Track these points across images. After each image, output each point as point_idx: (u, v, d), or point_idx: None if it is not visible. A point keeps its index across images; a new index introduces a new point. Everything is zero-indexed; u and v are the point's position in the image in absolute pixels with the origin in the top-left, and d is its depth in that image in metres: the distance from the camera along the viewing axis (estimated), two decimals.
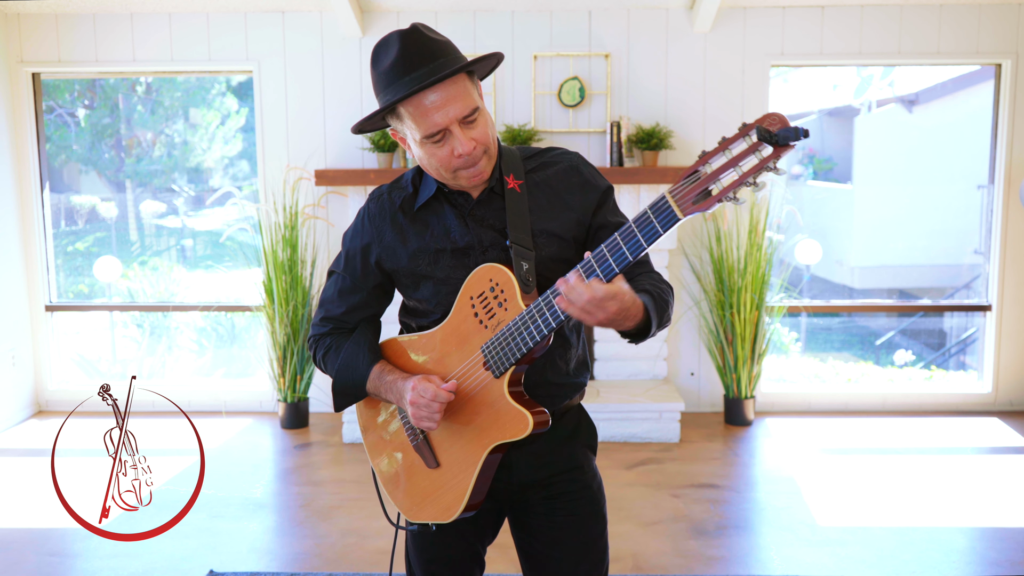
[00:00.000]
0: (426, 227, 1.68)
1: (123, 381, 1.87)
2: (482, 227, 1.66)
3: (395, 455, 1.80)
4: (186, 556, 3.31)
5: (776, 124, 1.28)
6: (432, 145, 1.56)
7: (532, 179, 1.68)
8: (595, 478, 1.82)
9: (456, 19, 4.89)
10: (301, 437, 4.76)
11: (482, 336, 1.62)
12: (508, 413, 1.60)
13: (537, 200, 1.67)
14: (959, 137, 7.65)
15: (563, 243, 1.66)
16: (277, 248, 4.76)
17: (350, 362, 1.75)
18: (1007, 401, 5.13)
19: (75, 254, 6.24)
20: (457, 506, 1.69)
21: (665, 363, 4.99)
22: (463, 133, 1.55)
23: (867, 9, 4.87)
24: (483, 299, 1.61)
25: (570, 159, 1.71)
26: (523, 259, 1.60)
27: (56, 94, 6.06)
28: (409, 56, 1.52)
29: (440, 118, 1.53)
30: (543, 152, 1.73)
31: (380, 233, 1.71)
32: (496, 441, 1.63)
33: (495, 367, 1.60)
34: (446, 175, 1.60)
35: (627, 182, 4.65)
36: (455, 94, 1.53)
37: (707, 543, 3.40)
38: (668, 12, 4.88)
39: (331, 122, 4.99)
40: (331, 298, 1.80)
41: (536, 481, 1.76)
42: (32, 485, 4.09)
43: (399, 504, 1.80)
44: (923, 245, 7.85)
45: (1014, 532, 3.48)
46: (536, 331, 1.53)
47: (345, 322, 1.80)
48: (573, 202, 1.67)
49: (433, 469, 1.73)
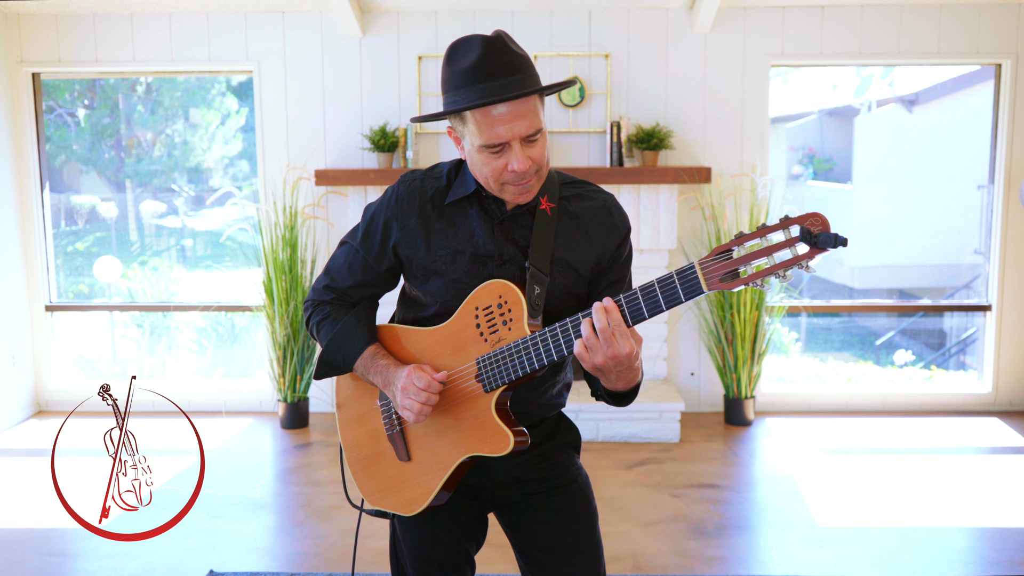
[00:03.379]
0: (452, 224, 1.68)
1: (123, 381, 1.87)
2: (507, 240, 1.67)
3: (367, 439, 1.81)
4: (186, 556, 3.31)
5: (818, 226, 1.31)
6: (489, 154, 1.56)
7: (564, 206, 1.69)
8: (580, 472, 1.83)
9: (456, 19, 4.89)
10: (301, 437, 4.76)
11: (480, 348, 1.63)
12: (491, 429, 1.62)
13: (564, 228, 1.67)
14: (959, 137, 7.66)
15: (578, 277, 1.68)
16: (277, 248, 4.76)
17: (347, 335, 1.74)
18: (1007, 401, 5.13)
19: (75, 254, 6.24)
20: (421, 502, 1.72)
21: (665, 363, 4.99)
22: (522, 151, 1.56)
23: (867, 9, 4.87)
24: (488, 312, 1.62)
25: (605, 199, 1.72)
26: (537, 283, 1.61)
27: (56, 94, 6.07)
28: (490, 64, 1.52)
29: (505, 132, 1.53)
30: (581, 183, 1.74)
31: (405, 218, 1.69)
32: (474, 452, 1.65)
33: (487, 382, 1.62)
34: (494, 185, 1.61)
35: (627, 182, 4.65)
36: (524, 112, 1.54)
37: (707, 543, 3.40)
38: (668, 12, 4.89)
39: (331, 122, 4.99)
40: (338, 269, 1.78)
41: (514, 479, 1.77)
42: (32, 485, 4.09)
43: (361, 486, 1.82)
44: (923, 245, 7.85)
45: (1014, 532, 3.48)
46: (536, 359, 1.56)
47: (348, 296, 1.79)
48: (597, 240, 1.68)
49: (403, 462, 1.75)
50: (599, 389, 1.69)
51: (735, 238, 1.37)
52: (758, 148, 4.93)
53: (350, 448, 1.84)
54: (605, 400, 1.69)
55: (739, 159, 4.94)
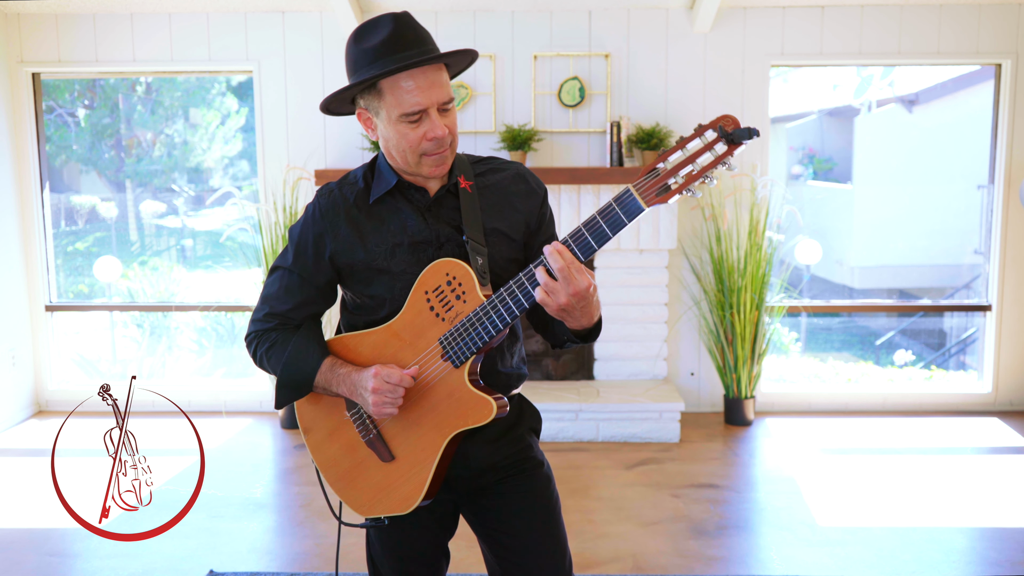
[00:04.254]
0: (382, 222, 1.72)
1: (123, 381, 1.87)
2: (439, 222, 1.72)
3: (344, 452, 1.80)
4: (186, 556, 3.31)
5: (730, 125, 1.43)
6: (407, 124, 1.62)
7: (481, 182, 1.76)
8: (543, 458, 1.88)
9: (456, 19, 4.89)
10: (301, 437, 4.76)
11: (439, 329, 1.66)
12: (470, 400, 1.65)
13: (488, 201, 1.75)
14: (959, 137, 7.66)
15: (512, 243, 1.75)
16: (277, 248, 4.76)
17: (299, 355, 1.74)
18: (1007, 401, 5.13)
19: (75, 254, 6.25)
20: (416, 496, 1.72)
21: (665, 363, 4.99)
22: (439, 118, 1.63)
23: (867, 9, 4.87)
24: (439, 293, 1.65)
25: (516, 167, 1.80)
26: (478, 254, 1.68)
27: (56, 94, 6.07)
28: (403, 36, 1.60)
29: (423, 98, 1.60)
30: (488, 159, 1.81)
31: (334, 228, 1.72)
32: (458, 428, 1.67)
33: (455, 357, 1.65)
34: (412, 159, 1.65)
35: (627, 182, 4.65)
36: (438, 80, 1.62)
37: (707, 543, 3.40)
38: (668, 12, 4.89)
39: (331, 122, 4.99)
40: (276, 294, 1.78)
41: (492, 465, 1.79)
42: (32, 485, 4.09)
43: (350, 501, 1.81)
44: (923, 245, 7.85)
45: (1014, 532, 3.48)
46: (500, 320, 1.60)
47: (291, 319, 1.79)
48: (520, 205, 1.76)
49: (388, 463, 1.75)
50: (564, 333, 1.71)
51: (658, 155, 1.48)
52: (758, 148, 4.93)
53: (328, 468, 1.82)
54: (572, 343, 1.72)
55: (739, 159, 4.94)
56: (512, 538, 1.80)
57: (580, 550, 3.32)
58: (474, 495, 1.83)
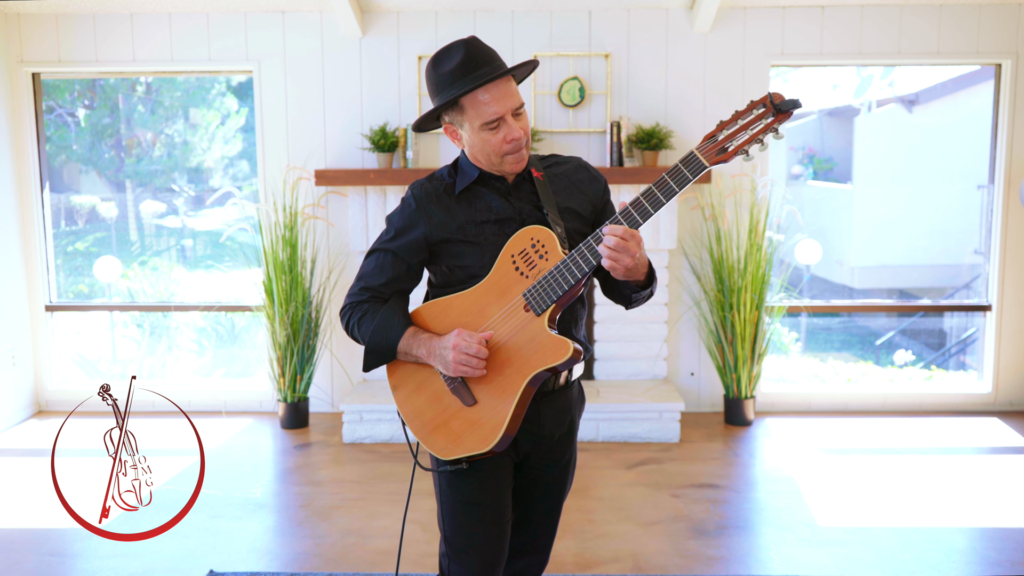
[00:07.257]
0: (470, 204, 1.97)
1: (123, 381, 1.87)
2: (520, 202, 1.98)
3: (429, 403, 1.99)
4: (186, 556, 3.31)
5: (778, 98, 1.73)
6: (488, 132, 1.89)
7: (550, 172, 2.04)
8: (575, 450, 2.17)
9: (456, 19, 4.89)
10: (301, 437, 4.76)
11: (523, 285, 1.89)
12: (550, 342, 1.86)
13: (558, 186, 2.02)
14: (959, 137, 7.66)
15: (582, 219, 2.01)
16: (277, 248, 4.76)
17: (386, 323, 1.97)
18: (1007, 401, 5.13)
19: (75, 254, 6.24)
20: (496, 433, 1.90)
21: (665, 363, 4.99)
22: (514, 122, 1.89)
23: (867, 9, 4.87)
24: (524, 255, 1.90)
25: (577, 160, 2.10)
26: (556, 225, 1.93)
27: (56, 94, 6.06)
28: (474, 57, 1.87)
29: (499, 107, 1.87)
30: (552, 156, 2.09)
31: (428, 212, 1.97)
32: (537, 368, 1.87)
33: (536, 306, 1.87)
34: (495, 160, 1.93)
35: (627, 182, 4.65)
36: (509, 90, 1.89)
37: (707, 543, 3.40)
38: (668, 12, 4.89)
39: (331, 122, 4.99)
40: (371, 271, 2.02)
41: (551, 434, 2.04)
42: (32, 485, 4.09)
43: (435, 446, 1.98)
44: (923, 245, 7.85)
45: (1014, 532, 3.48)
46: (578, 270, 1.83)
47: (382, 293, 2.02)
48: (586, 189, 2.05)
49: (470, 407, 1.94)
50: (626, 290, 1.99)
51: (717, 125, 1.78)
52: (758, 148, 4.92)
53: (414, 418, 2.01)
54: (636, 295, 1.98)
55: (739, 159, 4.93)
56: (518, 505, 2.12)
57: (580, 550, 3.32)
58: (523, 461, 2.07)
